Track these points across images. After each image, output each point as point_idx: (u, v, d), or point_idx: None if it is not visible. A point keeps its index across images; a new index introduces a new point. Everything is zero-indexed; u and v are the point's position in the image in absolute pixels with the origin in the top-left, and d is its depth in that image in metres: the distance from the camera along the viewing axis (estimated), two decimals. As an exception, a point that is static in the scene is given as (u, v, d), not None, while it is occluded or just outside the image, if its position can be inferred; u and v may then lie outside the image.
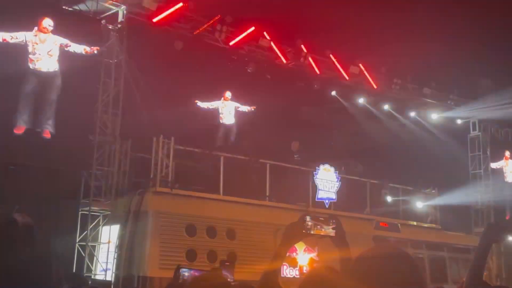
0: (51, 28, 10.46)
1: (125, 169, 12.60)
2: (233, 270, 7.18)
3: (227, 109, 14.15)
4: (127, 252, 11.27)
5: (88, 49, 10.81)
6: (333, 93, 17.58)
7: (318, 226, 3.02)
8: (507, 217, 18.00)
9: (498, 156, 17.98)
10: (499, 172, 17.78)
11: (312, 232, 3.00)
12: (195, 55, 14.60)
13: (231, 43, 14.62)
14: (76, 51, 10.70)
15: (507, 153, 17.79)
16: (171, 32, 13.79)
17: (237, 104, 14.29)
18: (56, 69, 10.45)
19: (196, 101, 13.83)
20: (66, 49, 10.58)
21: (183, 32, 14.00)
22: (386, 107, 18.36)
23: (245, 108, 14.39)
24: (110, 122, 12.65)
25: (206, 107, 14.01)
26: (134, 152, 12.94)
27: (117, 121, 12.73)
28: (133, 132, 13.11)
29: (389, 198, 16.33)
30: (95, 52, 11.02)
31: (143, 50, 13.57)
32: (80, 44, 10.79)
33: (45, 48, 10.34)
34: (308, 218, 2.99)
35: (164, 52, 14.02)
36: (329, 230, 3.01)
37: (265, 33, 14.91)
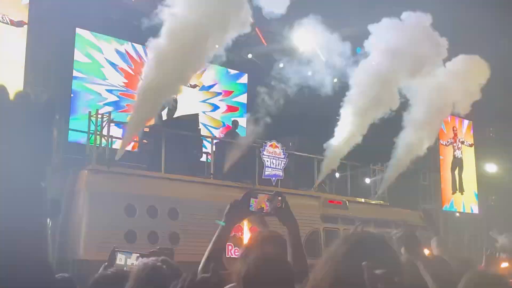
0: None
1: (57, 145, 12.31)
2: (172, 257, 7.12)
3: None
4: (61, 234, 11.09)
5: None
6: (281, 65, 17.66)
7: (263, 204, 3.08)
8: None
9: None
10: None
11: (256, 210, 3.07)
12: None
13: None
14: None
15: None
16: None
17: None
18: None
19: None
20: None
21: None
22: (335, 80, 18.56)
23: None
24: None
25: None
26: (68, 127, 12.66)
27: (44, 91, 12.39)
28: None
29: (337, 174, 16.66)
30: None
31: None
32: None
33: None
34: (252, 195, 3.05)
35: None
36: (274, 207, 3.08)
37: None
